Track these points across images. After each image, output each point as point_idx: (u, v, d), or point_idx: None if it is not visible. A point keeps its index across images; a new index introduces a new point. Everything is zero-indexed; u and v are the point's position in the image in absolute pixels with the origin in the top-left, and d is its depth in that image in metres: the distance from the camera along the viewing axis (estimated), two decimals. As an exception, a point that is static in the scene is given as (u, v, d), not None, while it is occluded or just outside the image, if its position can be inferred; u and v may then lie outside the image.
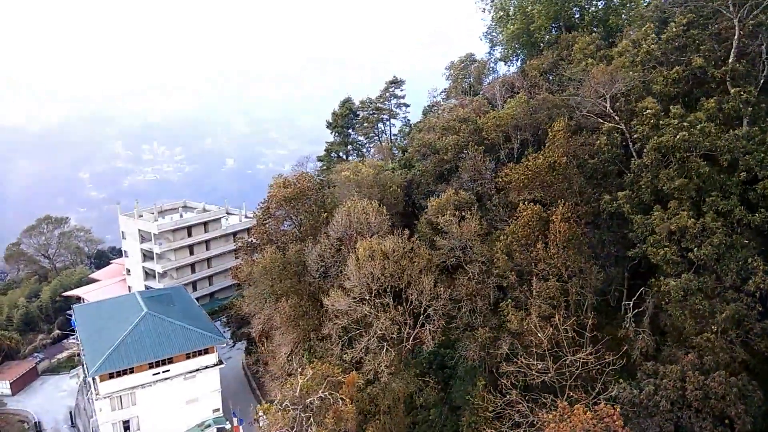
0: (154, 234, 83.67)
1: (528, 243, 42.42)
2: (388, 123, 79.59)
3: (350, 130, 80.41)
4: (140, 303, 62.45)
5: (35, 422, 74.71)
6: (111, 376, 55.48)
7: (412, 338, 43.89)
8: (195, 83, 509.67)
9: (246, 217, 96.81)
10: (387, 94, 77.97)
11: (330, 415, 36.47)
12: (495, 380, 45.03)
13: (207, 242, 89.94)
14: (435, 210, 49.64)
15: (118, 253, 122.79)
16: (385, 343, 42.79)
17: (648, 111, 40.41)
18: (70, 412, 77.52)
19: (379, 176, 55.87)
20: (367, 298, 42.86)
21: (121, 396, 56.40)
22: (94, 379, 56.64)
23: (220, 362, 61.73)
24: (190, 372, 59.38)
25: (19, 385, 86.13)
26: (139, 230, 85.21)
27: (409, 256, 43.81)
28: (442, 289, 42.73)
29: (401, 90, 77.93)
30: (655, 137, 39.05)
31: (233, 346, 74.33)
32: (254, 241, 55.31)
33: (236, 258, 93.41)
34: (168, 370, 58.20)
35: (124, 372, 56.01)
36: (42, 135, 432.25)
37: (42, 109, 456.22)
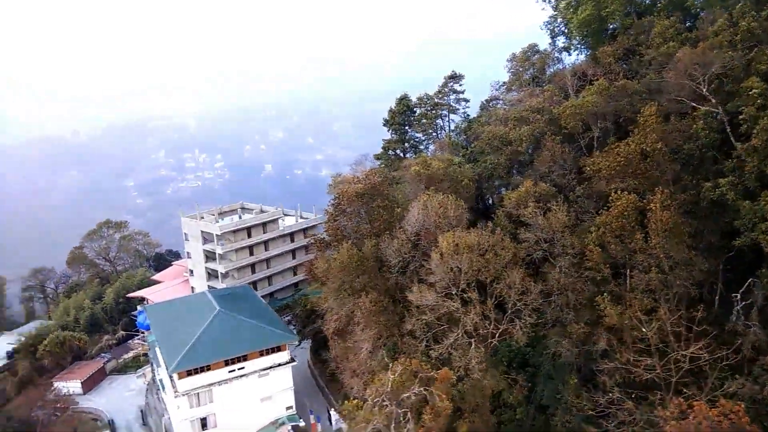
0: (216, 235, 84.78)
1: (623, 234, 40.58)
2: (446, 118, 78.53)
3: (407, 128, 79.66)
4: (212, 301, 63.14)
5: (109, 420, 76.49)
6: (189, 373, 56.05)
7: (498, 334, 42.62)
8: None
9: (301, 217, 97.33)
10: (446, 89, 76.97)
11: (427, 411, 35.61)
12: (587, 378, 43.30)
13: (266, 243, 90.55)
14: (515, 202, 48.33)
15: (175, 255, 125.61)
16: (473, 339, 41.68)
17: (753, 91, 38.13)
18: (142, 411, 79.11)
19: (449, 170, 54.89)
20: (454, 292, 41.87)
21: (198, 393, 56.90)
22: (171, 377, 57.44)
23: (292, 360, 61.76)
24: (264, 369, 59.53)
25: (89, 385, 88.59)
26: (202, 231, 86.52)
27: (495, 250, 42.61)
28: (532, 283, 41.34)
29: (460, 85, 76.78)
30: (765, 118, 36.74)
31: (299, 345, 74.43)
32: (326, 237, 55.14)
33: (293, 258, 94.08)
34: (243, 368, 58.50)
35: (201, 369, 56.56)
36: (86, 146, 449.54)
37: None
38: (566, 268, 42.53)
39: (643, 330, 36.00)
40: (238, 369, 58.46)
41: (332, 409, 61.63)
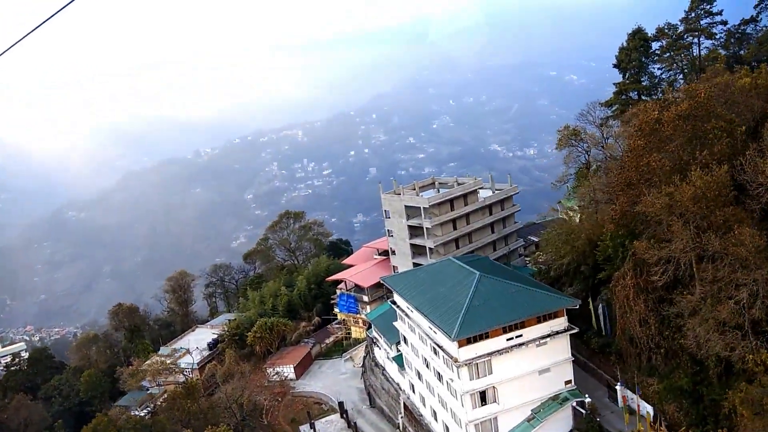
0: (424, 208, 79.84)
1: None
2: (696, 46, 66.86)
3: (646, 65, 69.11)
4: (464, 266, 56.97)
5: (339, 402, 73.15)
6: (468, 341, 49.86)
7: None
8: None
9: (496, 189, 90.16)
10: (694, 15, 65.64)
11: None
12: None
13: (467, 216, 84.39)
14: None
15: (346, 243, 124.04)
16: None
17: None
18: (368, 393, 75.26)
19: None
20: None
21: (477, 364, 50.54)
22: (440, 346, 51.75)
23: (571, 327, 53.69)
24: (543, 338, 52.01)
25: (300, 370, 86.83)
26: (405, 207, 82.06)
27: None
28: None
29: (712, 6, 65.08)
30: None
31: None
32: (623, 179, 46.32)
33: (492, 232, 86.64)
34: (521, 335, 51.34)
35: (480, 337, 50.15)
36: (208, 164, 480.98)
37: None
38: None
39: None
40: (516, 337, 51.39)
41: (618, 385, 52.62)
